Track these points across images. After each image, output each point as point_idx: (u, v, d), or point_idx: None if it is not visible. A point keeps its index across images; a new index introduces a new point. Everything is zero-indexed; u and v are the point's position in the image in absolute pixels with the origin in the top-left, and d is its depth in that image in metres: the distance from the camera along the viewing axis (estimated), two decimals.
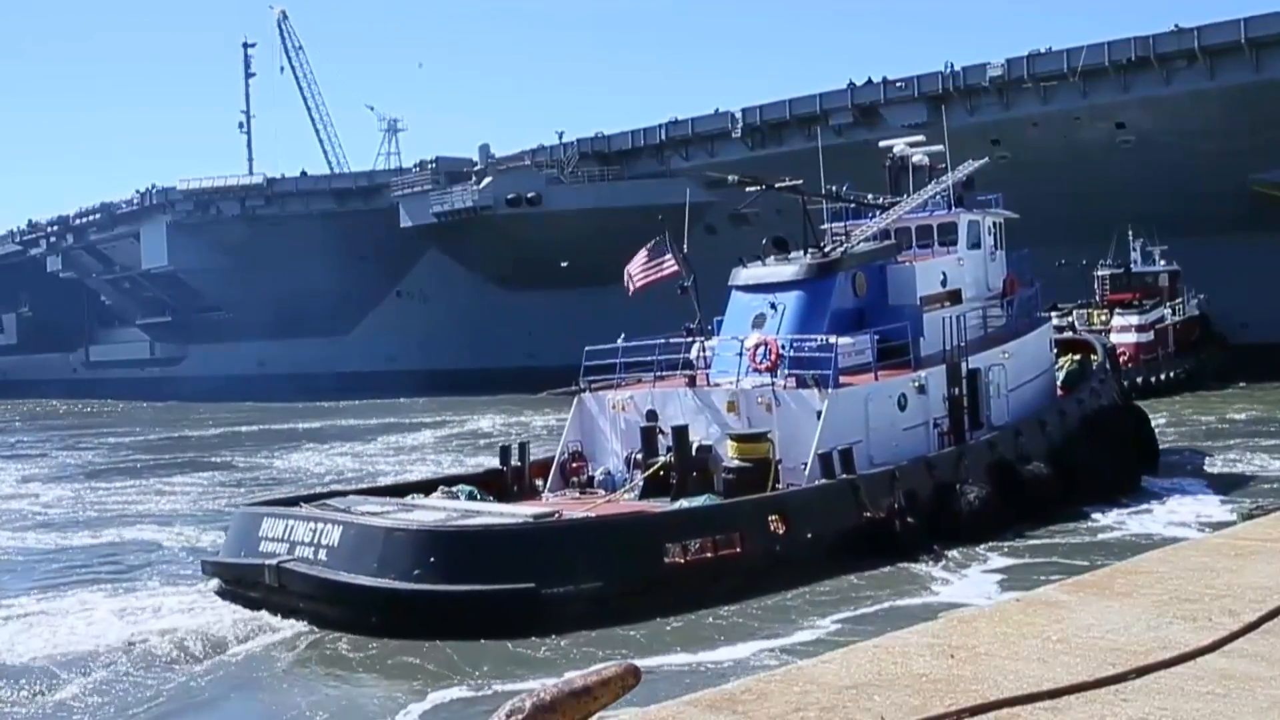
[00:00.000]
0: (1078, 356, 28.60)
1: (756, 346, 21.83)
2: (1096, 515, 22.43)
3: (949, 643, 6.11)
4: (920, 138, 27.08)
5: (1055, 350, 28.10)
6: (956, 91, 57.37)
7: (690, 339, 23.84)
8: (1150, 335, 49.54)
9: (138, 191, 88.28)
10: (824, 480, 19.79)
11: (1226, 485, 25.70)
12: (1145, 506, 23.43)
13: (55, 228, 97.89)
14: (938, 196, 25.57)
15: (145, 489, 34.75)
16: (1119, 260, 52.82)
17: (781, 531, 18.72)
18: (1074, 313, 48.42)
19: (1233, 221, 52.83)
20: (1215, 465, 28.49)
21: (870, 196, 26.13)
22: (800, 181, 24.78)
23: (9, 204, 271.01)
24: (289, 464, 40.34)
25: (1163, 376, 48.37)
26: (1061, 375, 27.58)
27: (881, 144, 27.11)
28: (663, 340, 23.95)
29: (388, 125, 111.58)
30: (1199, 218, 52.46)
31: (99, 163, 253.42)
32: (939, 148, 26.24)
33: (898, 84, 59.94)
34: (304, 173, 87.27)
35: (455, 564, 16.91)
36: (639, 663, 4.92)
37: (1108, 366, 28.85)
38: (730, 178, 24.91)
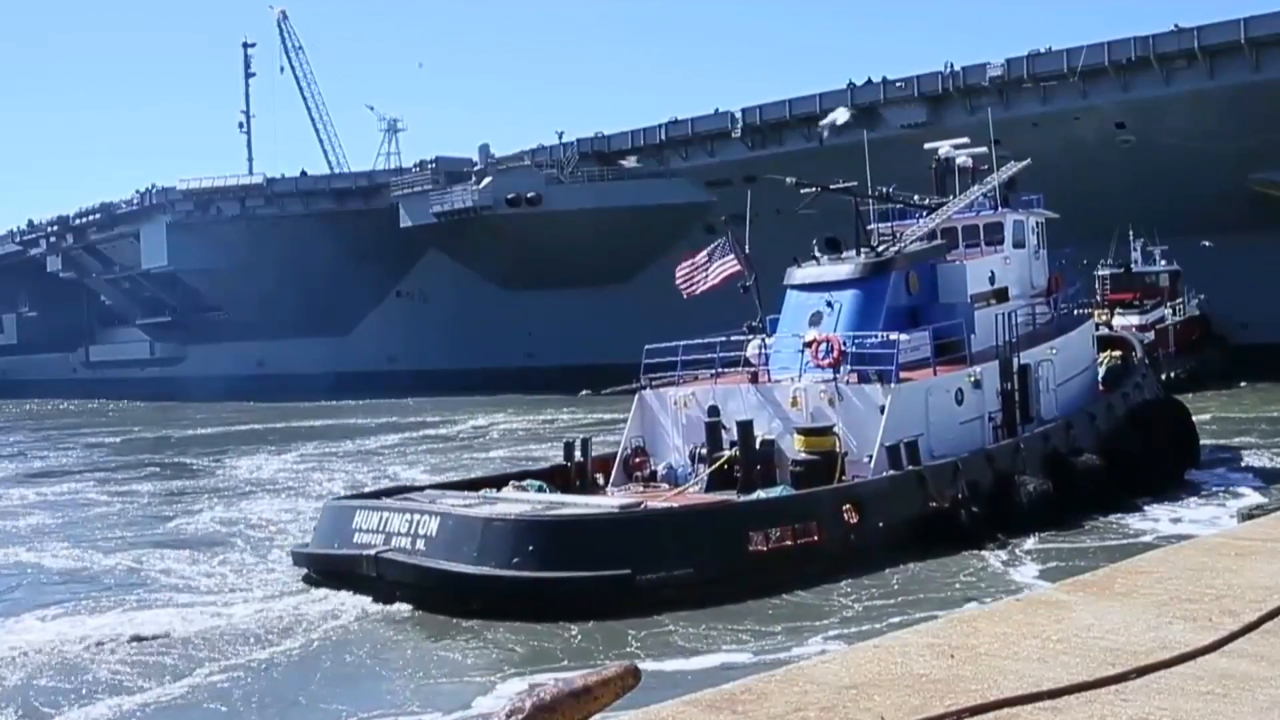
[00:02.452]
0: (1118, 354, 29.45)
1: (818, 343, 22.44)
2: (1147, 507, 23.11)
3: (949, 643, 6.15)
4: (965, 140, 27.73)
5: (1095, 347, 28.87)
6: (956, 91, 57.69)
7: (750, 336, 24.49)
8: (1151, 335, 49.77)
9: (137, 191, 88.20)
10: (892, 472, 20.49)
11: (1267, 478, 26.46)
12: (1193, 498, 24.14)
13: (55, 228, 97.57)
14: (982, 197, 26.32)
15: (189, 488, 35.17)
16: (1119, 260, 52.88)
17: (855, 521, 19.43)
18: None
19: (1233, 221, 53.20)
20: (1251, 459, 29.23)
21: (917, 197, 26.85)
22: (854, 184, 25.52)
23: (9, 204, 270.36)
24: (294, 464, 40.41)
25: (1164, 377, 48.36)
26: (1102, 371, 28.34)
27: (926, 146, 27.78)
28: (724, 338, 24.59)
29: (388, 125, 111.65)
30: (1199, 218, 52.78)
31: (99, 163, 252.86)
32: (982, 149, 26.90)
33: (898, 84, 60.10)
34: (304, 173, 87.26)
35: (554, 551, 17.59)
36: (640, 664, 4.94)
37: (1147, 363, 29.70)
38: (788, 180, 25.61)
